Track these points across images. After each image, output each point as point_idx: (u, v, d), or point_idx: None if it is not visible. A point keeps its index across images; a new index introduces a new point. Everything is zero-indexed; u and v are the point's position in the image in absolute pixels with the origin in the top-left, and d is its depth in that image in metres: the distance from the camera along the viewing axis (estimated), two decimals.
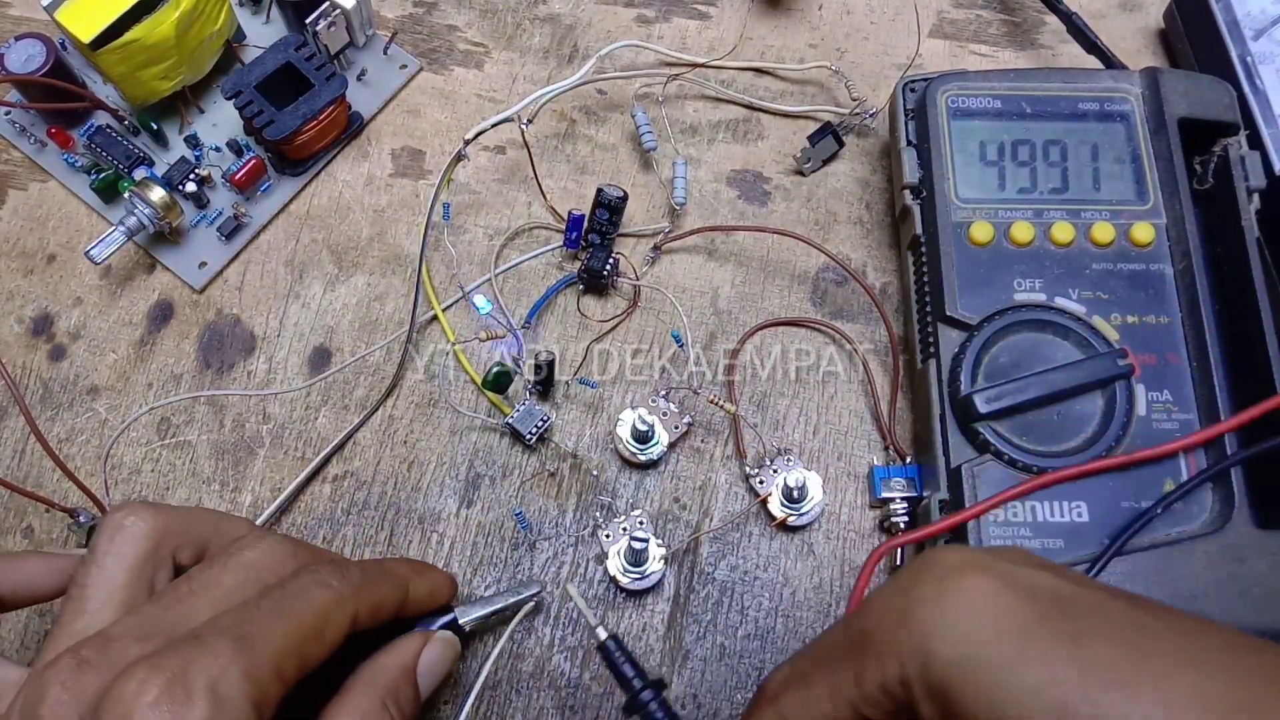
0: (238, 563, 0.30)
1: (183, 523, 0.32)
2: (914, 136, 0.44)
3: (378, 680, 0.31)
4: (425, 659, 0.33)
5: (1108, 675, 0.23)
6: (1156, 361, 0.39)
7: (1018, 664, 0.24)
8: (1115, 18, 0.52)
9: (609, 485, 0.43)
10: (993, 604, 0.25)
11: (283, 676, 0.27)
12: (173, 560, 0.32)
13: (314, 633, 0.28)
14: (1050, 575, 0.26)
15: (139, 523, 0.31)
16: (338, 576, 0.30)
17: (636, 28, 0.52)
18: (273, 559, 0.31)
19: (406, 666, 0.32)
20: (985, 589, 0.26)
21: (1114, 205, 0.42)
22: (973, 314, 0.40)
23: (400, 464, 0.43)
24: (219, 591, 0.29)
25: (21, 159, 0.48)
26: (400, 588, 0.33)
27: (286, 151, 0.46)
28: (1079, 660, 0.24)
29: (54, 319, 0.46)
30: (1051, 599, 0.25)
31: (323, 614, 0.29)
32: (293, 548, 0.32)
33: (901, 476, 0.41)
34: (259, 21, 0.51)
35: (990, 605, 0.25)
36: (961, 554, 0.27)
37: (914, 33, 0.51)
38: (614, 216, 0.45)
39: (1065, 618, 0.25)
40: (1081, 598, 0.26)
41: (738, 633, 0.41)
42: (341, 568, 0.31)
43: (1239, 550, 0.36)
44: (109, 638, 0.27)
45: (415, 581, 0.34)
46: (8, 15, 0.51)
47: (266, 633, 0.27)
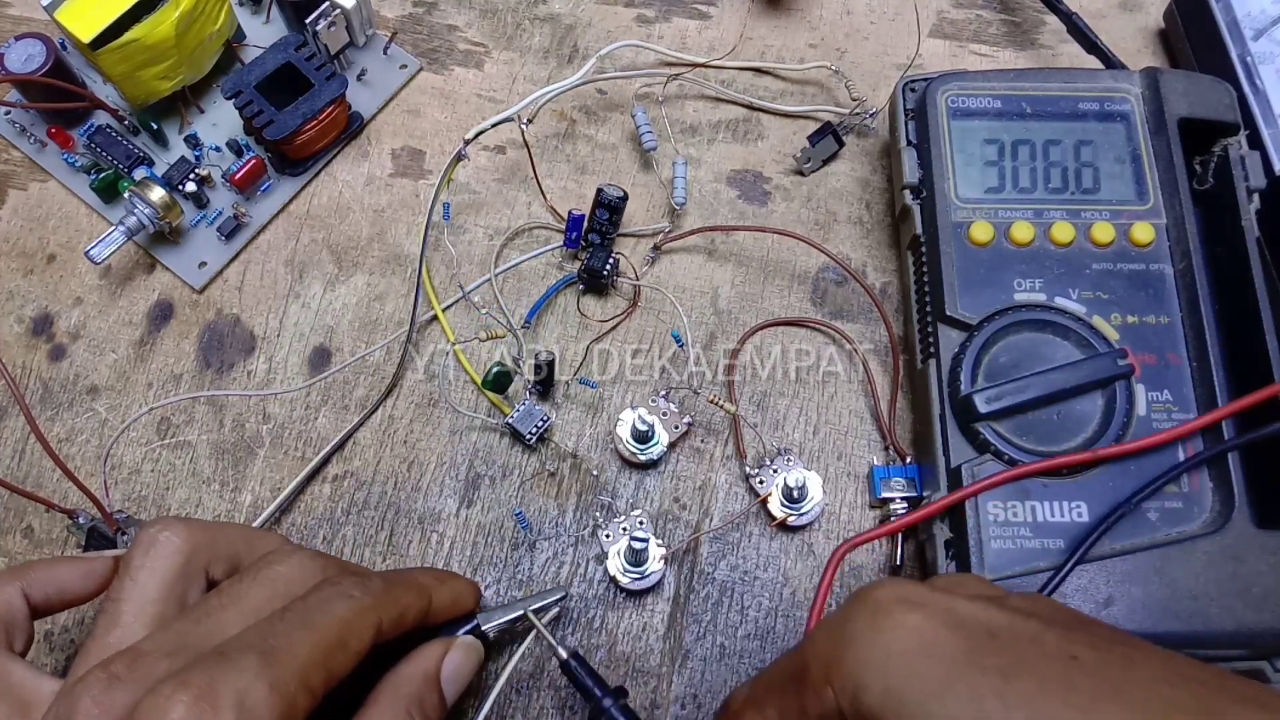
0: (266, 577, 0.31)
1: (215, 538, 0.33)
2: (914, 136, 0.44)
3: (402, 689, 0.32)
4: (449, 665, 0.33)
5: (1031, 711, 0.24)
6: (1156, 361, 0.39)
7: (944, 698, 0.25)
8: (1115, 18, 0.52)
9: (609, 485, 0.43)
10: (921, 638, 0.26)
11: (310, 689, 0.27)
12: (205, 575, 0.32)
13: (339, 644, 0.29)
14: (986, 608, 0.27)
15: (173, 538, 0.32)
16: (361, 587, 0.31)
17: (636, 28, 0.52)
18: (300, 573, 0.31)
19: (430, 674, 0.33)
20: (915, 624, 0.26)
21: (1114, 205, 0.42)
22: (973, 314, 0.40)
23: (400, 464, 0.43)
24: (247, 606, 0.30)
25: (21, 159, 0.48)
26: (423, 597, 0.33)
27: (286, 151, 0.46)
28: (1004, 696, 0.24)
29: (54, 319, 0.46)
30: (984, 633, 0.26)
31: (347, 625, 0.29)
32: (321, 562, 0.32)
33: (901, 476, 0.41)
34: (259, 21, 0.51)
35: (919, 640, 0.26)
36: (897, 588, 0.28)
37: (914, 33, 0.51)
38: (614, 216, 0.45)
39: (995, 652, 0.25)
40: (1015, 631, 0.26)
41: (738, 633, 0.41)
42: (365, 579, 0.31)
43: (1239, 550, 0.36)
44: (139, 653, 0.28)
45: (438, 590, 0.34)
46: (8, 15, 0.51)
47: (292, 646, 0.27)
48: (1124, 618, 0.35)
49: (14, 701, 0.30)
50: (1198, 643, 0.35)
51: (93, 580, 0.34)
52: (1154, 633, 0.35)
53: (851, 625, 0.27)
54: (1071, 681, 0.24)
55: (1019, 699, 0.24)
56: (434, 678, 0.33)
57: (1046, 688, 0.24)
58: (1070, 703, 0.24)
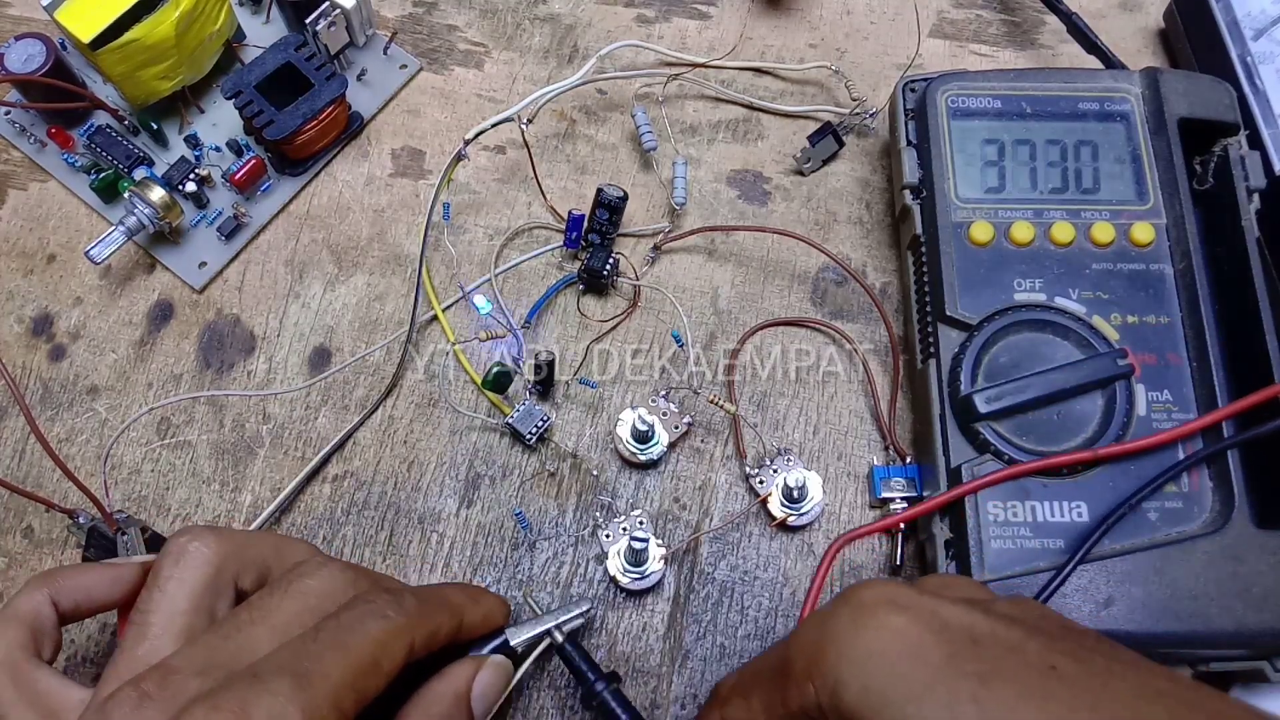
0: (297, 590, 0.30)
1: (244, 547, 0.32)
2: (914, 136, 0.44)
3: (431, 710, 0.31)
4: (479, 685, 0.33)
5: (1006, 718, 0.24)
6: (1156, 361, 0.39)
7: (922, 701, 0.25)
8: (1115, 18, 0.52)
9: (609, 485, 0.43)
10: (904, 641, 0.26)
11: (341, 711, 0.27)
12: (234, 586, 0.32)
13: (371, 666, 0.28)
14: (970, 613, 0.27)
15: (202, 548, 0.31)
16: (394, 606, 0.30)
17: (636, 28, 0.52)
18: (332, 586, 0.31)
19: (460, 693, 0.32)
20: (899, 626, 0.27)
21: (1114, 205, 0.42)
22: (973, 314, 0.40)
23: (400, 464, 0.43)
24: (278, 621, 0.29)
25: (21, 159, 0.48)
26: (455, 616, 0.33)
27: (286, 151, 0.46)
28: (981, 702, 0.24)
29: (54, 319, 0.46)
30: (967, 638, 0.26)
31: (380, 646, 0.29)
32: (352, 575, 0.32)
33: (901, 476, 0.41)
34: (259, 21, 0.51)
35: (901, 642, 0.26)
36: (883, 589, 0.28)
37: (914, 33, 0.51)
38: (614, 216, 0.45)
39: (976, 658, 0.26)
40: (998, 637, 0.26)
41: (738, 633, 0.41)
42: (398, 597, 0.31)
43: (1239, 550, 0.36)
44: (169, 669, 0.27)
45: (471, 609, 0.34)
46: (8, 15, 0.51)
47: (324, 668, 0.27)
48: (1124, 618, 0.35)
49: (42, 710, 0.30)
50: (1198, 643, 0.35)
51: (120, 587, 0.34)
52: (1154, 633, 0.35)
53: (835, 623, 0.28)
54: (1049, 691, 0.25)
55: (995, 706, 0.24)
56: (464, 698, 0.32)
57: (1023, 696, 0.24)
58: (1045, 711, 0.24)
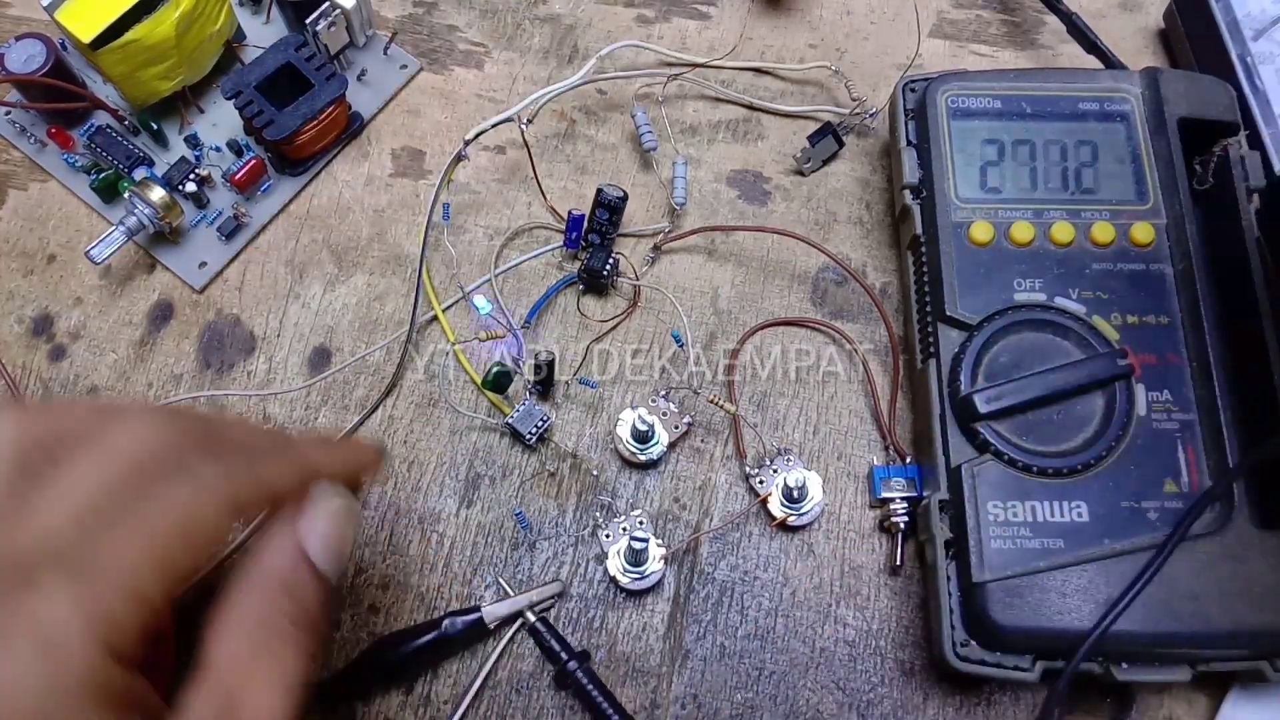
0: (98, 457, 0.25)
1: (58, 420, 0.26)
2: (914, 136, 0.44)
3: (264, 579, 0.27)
4: (314, 536, 0.28)
5: None
6: (1156, 361, 0.39)
7: None
8: (1115, 18, 0.52)
9: (609, 485, 0.43)
10: None
11: (144, 600, 0.23)
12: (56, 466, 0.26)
13: (181, 541, 0.24)
14: None
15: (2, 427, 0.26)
16: (212, 464, 0.26)
17: (636, 28, 0.52)
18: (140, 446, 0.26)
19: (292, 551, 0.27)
20: None
21: (1114, 205, 0.42)
22: (973, 314, 0.40)
23: (400, 464, 0.43)
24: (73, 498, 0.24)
25: (21, 159, 0.48)
26: (299, 467, 0.29)
27: (286, 151, 0.46)
28: None
29: (54, 319, 0.46)
30: None
31: (188, 517, 0.25)
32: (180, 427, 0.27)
33: (901, 476, 0.41)
34: (259, 21, 0.51)
35: None
36: None
37: (914, 33, 0.51)
38: (614, 216, 0.45)
39: None
40: None
41: (738, 633, 0.41)
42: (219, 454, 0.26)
43: (1239, 550, 0.36)
44: None
45: (325, 458, 0.30)
46: (8, 15, 0.51)
47: (115, 552, 0.23)
48: (1124, 617, 0.35)
49: None
50: (1198, 642, 0.35)
51: None
52: (1154, 632, 0.35)
53: None
54: None
55: None
56: (298, 554, 0.27)
57: None
58: None
